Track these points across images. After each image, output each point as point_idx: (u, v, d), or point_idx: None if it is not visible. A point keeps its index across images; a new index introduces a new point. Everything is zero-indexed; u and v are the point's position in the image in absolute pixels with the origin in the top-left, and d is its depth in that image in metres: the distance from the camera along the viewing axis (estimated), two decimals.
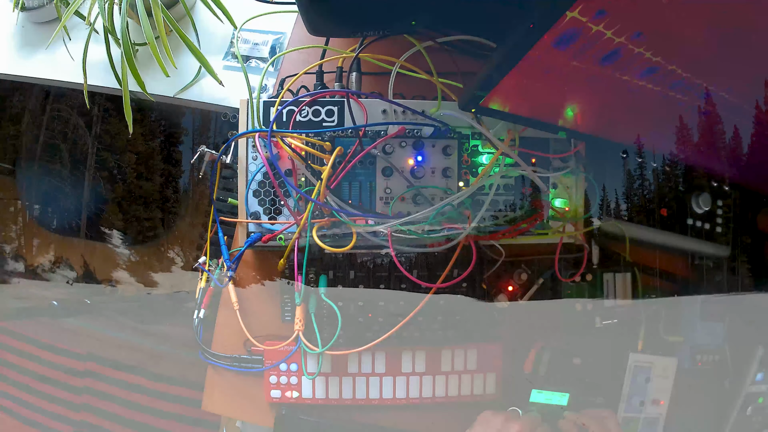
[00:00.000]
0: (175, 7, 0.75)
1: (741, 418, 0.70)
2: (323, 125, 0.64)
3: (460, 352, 0.70)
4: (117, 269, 1.07)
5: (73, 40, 0.75)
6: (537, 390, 0.67)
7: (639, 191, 0.72)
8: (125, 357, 1.00)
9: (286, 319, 0.70)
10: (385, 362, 0.69)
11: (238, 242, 0.67)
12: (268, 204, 0.65)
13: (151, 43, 0.62)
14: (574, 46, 0.43)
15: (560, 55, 0.44)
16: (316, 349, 0.64)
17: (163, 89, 0.73)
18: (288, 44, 0.76)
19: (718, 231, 0.72)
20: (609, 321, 0.71)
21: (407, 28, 0.60)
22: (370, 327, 0.67)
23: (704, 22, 0.44)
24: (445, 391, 0.70)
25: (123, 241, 1.08)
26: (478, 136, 0.66)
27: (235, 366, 0.70)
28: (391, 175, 0.65)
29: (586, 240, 0.70)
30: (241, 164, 0.65)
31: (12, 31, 0.83)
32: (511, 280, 0.71)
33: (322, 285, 0.67)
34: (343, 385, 0.69)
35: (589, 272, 0.71)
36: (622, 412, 0.67)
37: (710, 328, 0.72)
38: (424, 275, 0.66)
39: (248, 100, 0.64)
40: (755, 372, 0.69)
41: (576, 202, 0.68)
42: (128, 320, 1.02)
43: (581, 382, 0.67)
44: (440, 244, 0.64)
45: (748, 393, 0.70)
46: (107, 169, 1.07)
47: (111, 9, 0.66)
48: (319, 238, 0.61)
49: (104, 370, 1.00)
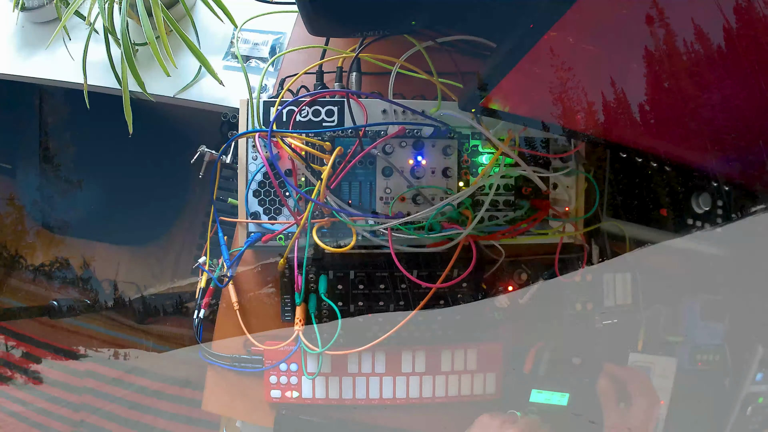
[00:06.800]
0: (175, 7, 0.75)
1: (741, 418, 0.70)
2: (323, 125, 0.64)
3: (460, 352, 0.70)
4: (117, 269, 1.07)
5: (73, 40, 0.75)
6: (537, 390, 0.67)
7: (639, 191, 0.72)
8: (125, 357, 1.00)
9: (286, 319, 0.70)
10: (385, 362, 0.69)
11: (238, 242, 0.67)
12: (268, 204, 0.65)
13: (151, 43, 0.62)
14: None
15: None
16: (316, 349, 0.64)
17: (163, 89, 0.73)
18: (288, 44, 0.76)
19: (718, 231, 0.72)
20: (609, 321, 0.71)
21: (407, 28, 0.60)
22: (370, 327, 0.67)
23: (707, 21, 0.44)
24: (445, 391, 0.70)
25: (123, 240, 1.08)
26: (478, 136, 0.66)
27: (235, 366, 0.70)
28: (391, 175, 0.65)
29: (586, 240, 0.70)
30: (241, 164, 0.65)
31: (12, 31, 0.83)
32: (511, 280, 0.71)
33: (322, 285, 0.67)
34: (343, 385, 0.69)
35: (589, 272, 0.71)
36: None
37: (710, 328, 0.72)
38: (424, 275, 0.66)
39: (248, 100, 0.64)
40: (755, 372, 0.69)
41: (576, 202, 0.69)
42: (128, 320, 1.02)
43: (581, 382, 0.67)
44: (440, 244, 0.64)
45: (748, 393, 0.70)
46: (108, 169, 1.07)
47: (111, 9, 0.66)
48: (319, 238, 0.61)
49: (104, 371, 1.00)
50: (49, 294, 1.06)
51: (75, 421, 0.99)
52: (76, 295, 1.06)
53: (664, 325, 0.71)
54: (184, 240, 1.05)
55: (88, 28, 0.69)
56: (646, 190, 0.72)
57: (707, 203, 0.71)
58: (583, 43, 0.47)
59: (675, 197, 0.72)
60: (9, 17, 0.82)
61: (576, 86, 0.53)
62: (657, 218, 0.72)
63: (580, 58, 0.49)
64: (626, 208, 0.71)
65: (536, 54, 0.43)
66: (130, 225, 1.07)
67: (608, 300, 0.72)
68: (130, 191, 1.06)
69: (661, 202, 0.72)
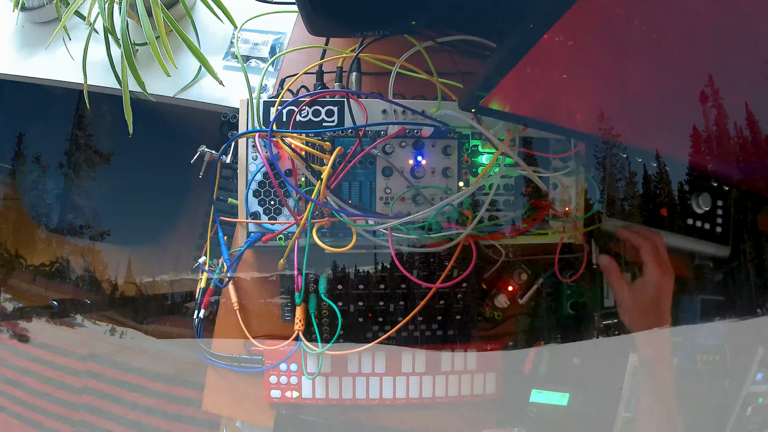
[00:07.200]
0: (175, 7, 0.75)
1: (741, 418, 0.70)
2: (323, 125, 0.64)
3: (460, 352, 0.70)
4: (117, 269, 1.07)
5: (73, 40, 0.75)
6: (537, 390, 0.67)
7: (639, 191, 0.72)
8: (125, 357, 1.00)
9: (286, 319, 0.70)
10: (385, 362, 0.69)
11: (238, 242, 0.67)
12: (268, 204, 0.65)
13: (151, 43, 0.61)
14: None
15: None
16: (316, 349, 0.64)
17: (163, 89, 0.73)
18: (288, 44, 0.76)
19: (718, 231, 0.72)
20: (609, 321, 0.71)
21: (407, 28, 0.60)
22: (370, 327, 0.67)
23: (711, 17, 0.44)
24: (445, 391, 0.70)
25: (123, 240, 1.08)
26: (478, 136, 0.66)
27: (235, 366, 0.70)
28: (391, 175, 0.65)
29: (586, 240, 0.70)
30: (241, 164, 0.65)
31: (12, 31, 0.83)
32: (511, 280, 0.71)
33: (322, 285, 0.67)
34: (343, 385, 0.69)
35: (589, 272, 0.71)
36: (622, 412, 0.67)
37: (710, 328, 0.72)
38: (424, 275, 0.66)
39: (248, 100, 0.64)
40: (755, 372, 0.69)
41: (576, 202, 0.68)
42: (128, 320, 1.02)
43: (581, 382, 0.67)
44: (440, 244, 0.64)
45: (748, 393, 0.70)
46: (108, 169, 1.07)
47: (111, 9, 0.66)
48: (319, 238, 0.61)
49: (104, 370, 1.00)
50: (49, 294, 1.06)
51: (75, 421, 0.99)
52: (76, 295, 1.06)
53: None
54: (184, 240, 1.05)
55: (88, 28, 0.69)
56: (646, 190, 0.72)
57: (707, 203, 0.71)
58: (582, 43, 0.47)
59: (675, 197, 0.72)
60: (9, 17, 0.82)
61: (576, 86, 0.53)
62: (657, 218, 0.72)
63: (579, 58, 0.49)
64: (626, 208, 0.71)
65: (536, 54, 0.43)
66: (130, 225, 1.07)
67: (608, 300, 0.72)
68: (130, 191, 1.06)
69: (661, 202, 0.72)
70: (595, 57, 0.49)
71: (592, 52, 0.49)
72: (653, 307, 0.60)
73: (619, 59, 0.50)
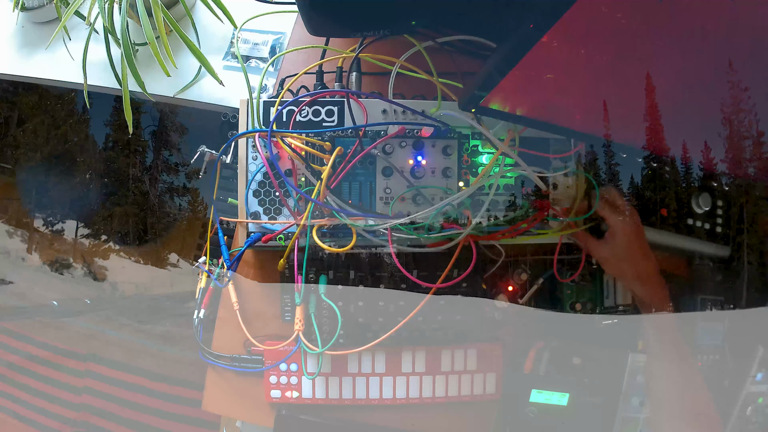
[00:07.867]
0: (175, 7, 0.75)
1: (741, 418, 0.70)
2: (323, 125, 0.64)
3: (460, 352, 0.70)
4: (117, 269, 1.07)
5: (73, 40, 0.75)
6: (537, 390, 0.67)
7: (639, 191, 0.72)
8: (125, 357, 1.00)
9: (286, 319, 0.70)
10: (385, 362, 0.69)
11: (238, 242, 0.67)
12: (268, 204, 0.65)
13: (151, 43, 0.62)
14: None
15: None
16: (316, 349, 0.64)
17: (163, 89, 0.73)
18: (288, 44, 0.76)
19: (718, 231, 0.72)
20: (609, 321, 0.71)
21: (407, 28, 0.60)
22: (370, 327, 0.67)
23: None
24: (445, 391, 0.70)
25: (123, 241, 1.08)
26: (478, 136, 0.66)
27: (235, 366, 0.70)
28: (391, 175, 0.65)
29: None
30: (241, 164, 0.65)
31: (12, 31, 0.83)
32: (511, 280, 0.71)
33: (322, 285, 0.67)
34: (343, 385, 0.69)
35: (588, 272, 0.71)
36: (622, 412, 0.67)
37: (710, 328, 0.72)
38: (424, 275, 0.66)
39: (248, 100, 0.64)
40: (755, 372, 0.69)
41: (576, 202, 0.68)
42: (128, 320, 1.02)
43: (581, 382, 0.67)
44: (440, 244, 0.64)
45: (748, 393, 0.70)
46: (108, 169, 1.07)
47: (111, 9, 0.66)
48: (319, 238, 0.61)
49: (104, 370, 1.00)
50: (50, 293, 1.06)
51: (75, 421, 0.99)
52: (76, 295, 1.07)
53: None
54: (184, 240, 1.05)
55: (88, 28, 0.69)
56: (646, 190, 0.72)
57: (707, 203, 0.71)
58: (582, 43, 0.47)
59: (675, 197, 0.72)
60: (9, 17, 0.82)
61: (576, 86, 0.53)
62: (657, 218, 0.72)
63: (579, 58, 0.49)
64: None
65: (536, 54, 0.43)
66: (130, 225, 1.07)
67: (608, 300, 0.72)
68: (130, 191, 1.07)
69: (661, 202, 0.72)
70: (594, 57, 0.49)
71: (592, 52, 0.49)
72: (629, 249, 0.63)
73: (619, 59, 0.50)
